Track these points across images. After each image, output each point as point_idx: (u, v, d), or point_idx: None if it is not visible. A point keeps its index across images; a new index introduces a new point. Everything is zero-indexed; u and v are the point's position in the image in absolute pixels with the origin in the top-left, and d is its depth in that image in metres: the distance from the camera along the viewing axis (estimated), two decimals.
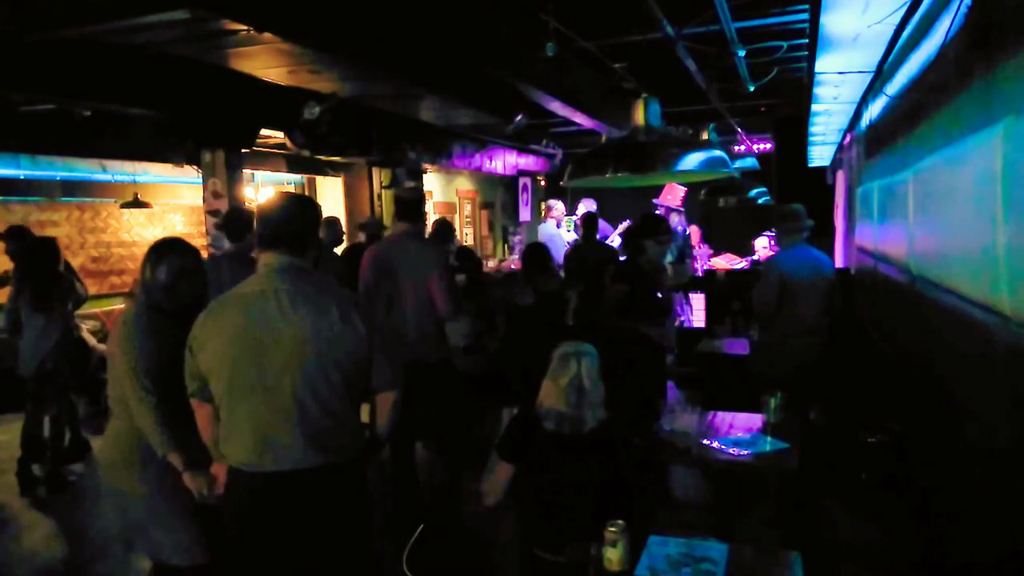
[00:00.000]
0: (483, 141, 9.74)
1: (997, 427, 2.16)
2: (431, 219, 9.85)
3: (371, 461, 2.43)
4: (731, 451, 3.09)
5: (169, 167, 7.40)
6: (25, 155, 6.91)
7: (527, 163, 11.51)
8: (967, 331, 2.44)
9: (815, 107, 5.72)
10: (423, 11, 4.32)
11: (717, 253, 9.26)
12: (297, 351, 2.12)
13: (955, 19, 2.47)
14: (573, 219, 9.45)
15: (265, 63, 4.53)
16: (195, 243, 2.89)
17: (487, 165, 10.24)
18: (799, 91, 6.31)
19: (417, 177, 8.65)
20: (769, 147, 9.89)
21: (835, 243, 8.20)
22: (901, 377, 3.78)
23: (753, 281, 5.28)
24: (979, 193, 2.24)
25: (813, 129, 6.98)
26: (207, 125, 5.69)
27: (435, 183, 11.26)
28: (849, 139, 7.28)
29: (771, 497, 3.64)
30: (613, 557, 2.04)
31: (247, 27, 3.66)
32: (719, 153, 6.20)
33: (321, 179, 9.64)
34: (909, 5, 3.09)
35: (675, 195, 9.35)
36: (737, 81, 6.20)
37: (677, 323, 6.74)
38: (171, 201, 9.37)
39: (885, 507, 3.40)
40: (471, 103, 6.53)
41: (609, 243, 7.82)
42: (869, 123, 5.28)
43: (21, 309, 4.76)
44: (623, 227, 8.85)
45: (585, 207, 8.27)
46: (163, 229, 9.26)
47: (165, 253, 2.67)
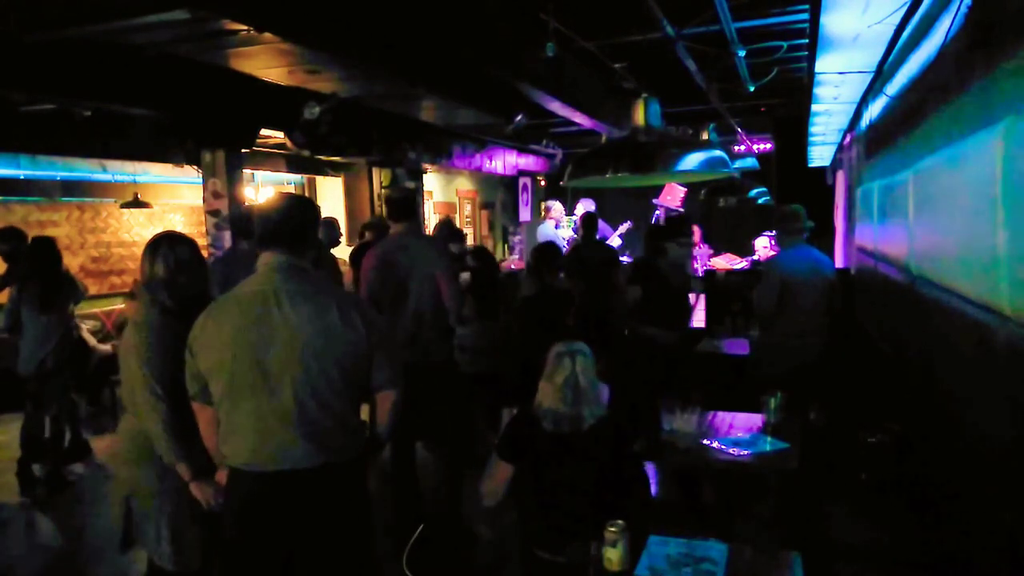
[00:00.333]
0: (483, 141, 9.74)
1: (997, 427, 2.16)
2: (431, 219, 9.89)
3: (371, 461, 2.43)
4: (731, 451, 3.09)
5: (169, 167, 7.40)
6: (25, 155, 6.91)
7: (527, 163, 11.51)
8: (967, 331, 2.44)
9: (815, 107, 5.72)
10: (423, 11, 4.31)
11: (717, 253, 9.26)
12: (297, 350, 2.12)
13: (955, 19, 2.47)
14: (572, 219, 9.45)
15: (265, 63, 4.53)
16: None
17: (487, 165, 10.24)
18: (799, 91, 6.32)
19: (417, 177, 8.64)
20: (769, 147, 9.89)
21: (835, 243, 8.20)
22: (901, 377, 3.78)
23: (753, 281, 5.28)
24: (979, 193, 2.24)
25: (813, 129, 6.98)
26: (207, 125, 5.69)
27: (435, 183, 11.25)
28: (849, 139, 7.28)
29: (771, 497, 3.64)
30: (613, 557, 2.04)
31: (247, 27, 3.66)
32: (719, 153, 6.20)
33: (321, 179, 9.64)
34: (909, 5, 3.09)
35: (675, 195, 9.35)
36: (737, 81, 6.20)
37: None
38: (171, 201, 9.37)
39: (885, 507, 3.40)
40: (471, 103, 6.53)
41: (608, 243, 7.82)
42: (869, 123, 5.28)
43: (23, 309, 4.76)
44: (623, 228, 8.86)
45: (584, 207, 8.27)
46: (163, 229, 9.26)
47: (159, 247, 2.64)
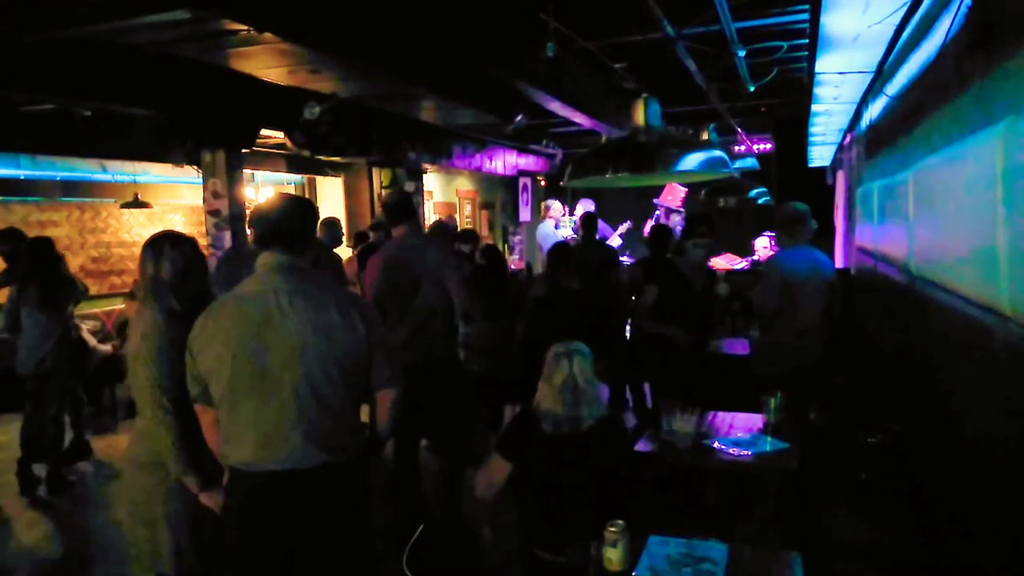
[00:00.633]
0: (483, 141, 9.74)
1: (997, 427, 2.16)
2: (431, 219, 9.88)
3: (372, 460, 2.43)
4: (731, 451, 3.08)
5: (169, 167, 7.40)
6: (25, 155, 6.91)
7: (527, 163, 11.52)
8: (967, 331, 2.44)
9: (815, 107, 5.72)
10: (423, 11, 4.31)
11: (717, 253, 9.26)
12: (297, 350, 2.12)
13: (955, 19, 2.47)
14: (572, 219, 9.45)
15: (265, 63, 4.53)
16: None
17: (487, 165, 10.24)
18: (799, 91, 6.32)
19: (417, 177, 8.65)
20: (769, 147, 9.90)
21: (835, 243, 8.21)
22: (901, 377, 3.78)
23: (753, 281, 5.27)
24: (979, 193, 2.24)
25: (813, 129, 6.99)
26: (207, 125, 5.69)
27: (435, 183, 11.26)
28: (849, 139, 7.28)
29: (771, 497, 3.63)
30: (613, 557, 2.04)
31: (247, 27, 3.66)
32: (719, 153, 6.19)
33: (321, 179, 9.64)
34: (909, 5, 3.09)
35: (675, 196, 9.35)
36: (737, 81, 6.20)
37: None
38: (171, 201, 9.37)
39: (885, 507, 3.40)
40: (471, 103, 6.53)
41: (609, 243, 7.82)
42: (869, 123, 5.28)
43: (22, 308, 4.76)
44: (623, 227, 8.86)
45: (584, 207, 8.27)
46: (163, 229, 9.26)
47: (162, 248, 2.59)
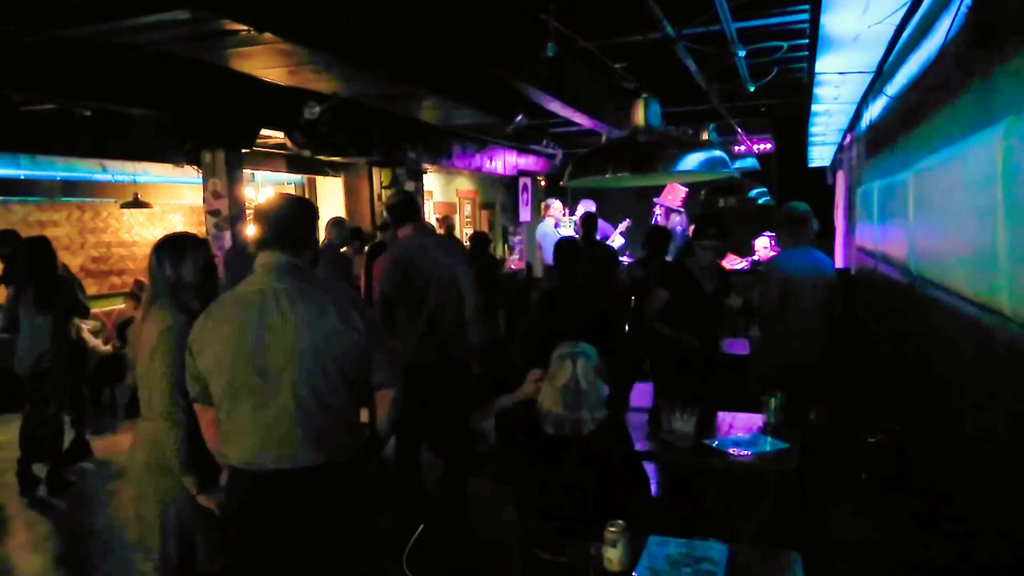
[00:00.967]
0: (483, 141, 9.74)
1: (997, 427, 2.16)
2: (431, 219, 9.89)
3: (373, 460, 2.43)
4: (731, 451, 3.08)
5: (169, 167, 7.40)
6: (25, 155, 6.91)
7: (527, 163, 11.52)
8: (967, 331, 2.44)
9: (815, 107, 5.72)
10: (423, 11, 4.31)
11: (726, 256, 9.26)
12: (296, 350, 2.12)
13: (955, 19, 2.47)
14: (573, 219, 9.46)
15: (265, 63, 4.53)
16: None
17: (487, 165, 10.24)
18: (799, 91, 6.32)
19: (417, 177, 8.65)
20: (769, 147, 9.90)
21: (835, 243, 8.21)
22: (901, 377, 3.78)
23: (753, 281, 5.27)
24: (979, 193, 2.24)
25: (813, 129, 6.99)
26: (207, 125, 5.69)
27: (435, 183, 11.26)
28: (849, 139, 7.28)
29: (771, 497, 3.64)
30: (613, 557, 2.04)
31: (247, 27, 3.66)
32: (719, 153, 6.20)
33: (321, 179, 9.64)
34: (909, 5, 3.09)
35: (675, 195, 9.35)
36: (737, 81, 6.20)
37: None
38: (171, 201, 9.37)
39: (885, 507, 3.40)
40: (471, 103, 6.53)
41: (610, 243, 7.82)
42: (869, 123, 5.28)
43: (20, 308, 4.76)
44: (623, 226, 8.87)
45: (585, 207, 8.27)
46: (163, 229, 9.26)
47: (186, 249, 2.60)
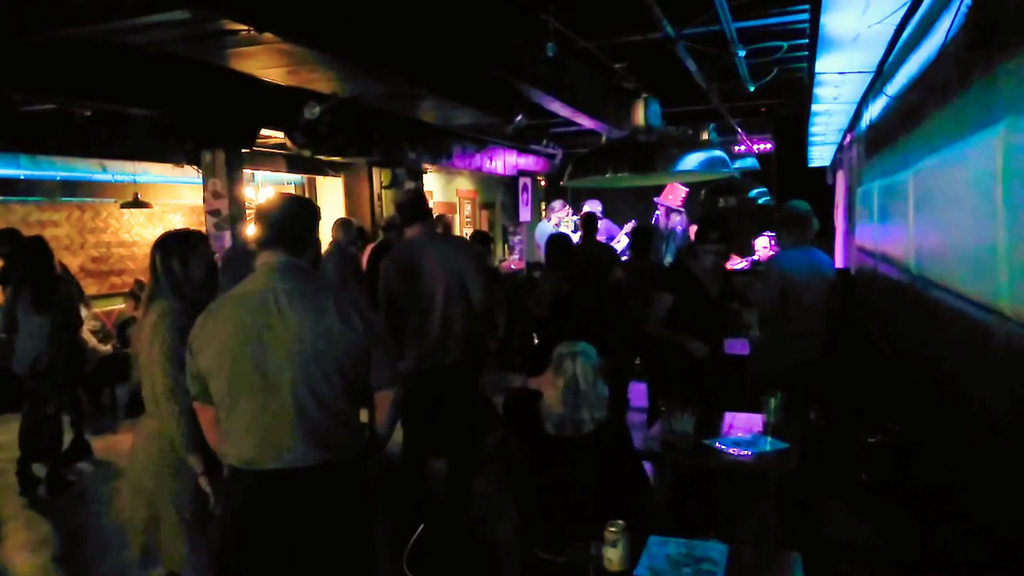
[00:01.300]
0: (483, 141, 9.74)
1: (997, 427, 2.16)
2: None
3: (374, 461, 2.43)
4: (731, 451, 3.09)
5: (169, 167, 7.40)
6: (25, 155, 6.91)
7: (527, 163, 11.52)
8: (967, 331, 2.44)
9: (815, 107, 5.72)
10: (423, 11, 4.31)
11: (729, 259, 9.25)
12: (295, 350, 2.12)
13: (955, 19, 2.47)
14: (573, 219, 9.45)
15: (265, 63, 4.53)
16: None
17: (487, 165, 10.24)
18: (799, 91, 6.32)
19: (417, 177, 8.65)
20: (769, 147, 9.90)
21: (835, 243, 8.21)
22: (901, 377, 3.78)
23: (753, 281, 5.27)
24: (979, 193, 2.24)
25: (813, 129, 6.99)
26: (207, 125, 5.69)
27: (435, 183, 11.26)
28: (849, 139, 7.28)
29: (771, 497, 3.64)
30: (613, 557, 2.04)
31: (247, 27, 3.66)
32: (719, 153, 6.20)
33: (321, 179, 9.64)
34: (909, 5, 3.09)
35: (676, 195, 9.34)
36: (737, 81, 6.20)
37: None
38: (171, 201, 9.37)
39: (885, 507, 3.40)
40: (471, 103, 6.53)
41: (615, 244, 7.82)
42: (869, 123, 5.28)
43: (18, 309, 4.76)
44: (628, 227, 8.87)
45: (590, 207, 8.27)
46: (163, 229, 9.22)
47: (194, 246, 2.63)
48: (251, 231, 5.60)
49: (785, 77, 6.36)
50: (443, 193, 11.56)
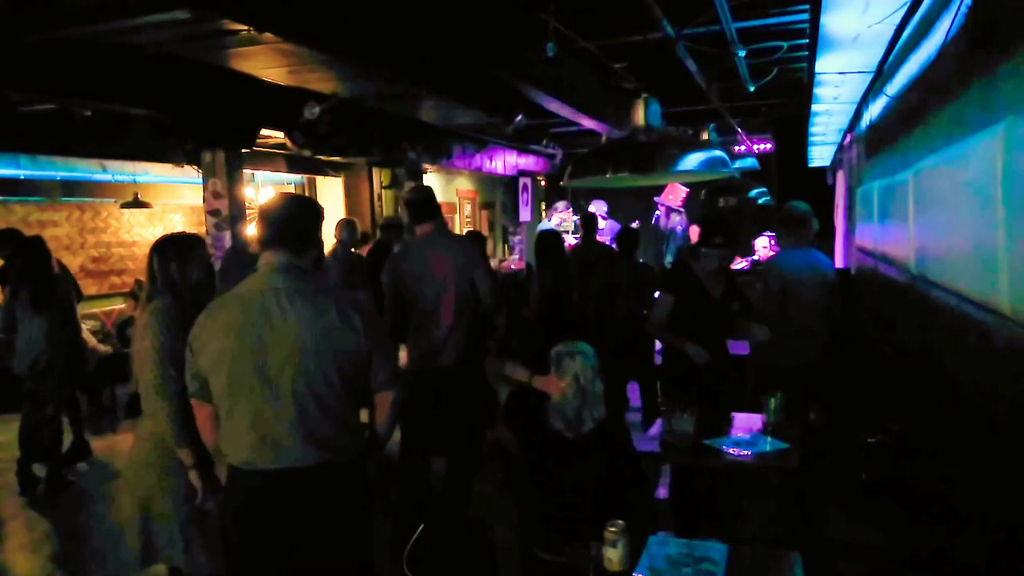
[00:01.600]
0: (483, 141, 9.74)
1: (997, 426, 2.16)
2: None
3: (374, 461, 2.43)
4: (731, 451, 3.08)
5: (169, 167, 7.41)
6: (25, 155, 6.91)
7: (527, 163, 11.52)
8: (967, 331, 2.44)
9: (815, 107, 5.72)
10: (423, 11, 4.31)
11: (733, 262, 9.23)
12: (296, 350, 2.12)
13: (955, 19, 2.47)
14: (574, 220, 9.46)
15: (265, 63, 4.53)
16: None
17: (487, 165, 10.24)
18: (799, 91, 6.32)
19: (417, 177, 8.65)
20: (769, 147, 9.90)
21: (835, 243, 8.21)
22: (901, 377, 3.78)
23: (753, 281, 5.27)
24: (979, 193, 2.24)
25: (813, 129, 6.99)
26: (207, 125, 5.69)
27: (435, 183, 11.26)
28: (849, 139, 7.28)
29: (771, 497, 3.64)
30: (613, 557, 2.04)
31: (247, 27, 3.66)
32: (719, 153, 6.20)
33: (321, 179, 9.64)
34: (909, 5, 3.09)
35: (676, 195, 9.36)
36: (737, 81, 6.21)
37: None
38: (171, 201, 9.37)
39: (885, 507, 3.40)
40: (471, 103, 6.53)
41: (610, 244, 7.82)
42: (869, 123, 5.28)
43: (16, 309, 4.76)
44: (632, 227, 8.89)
45: (596, 208, 8.26)
46: (163, 229, 9.26)
47: (192, 249, 2.65)
48: (251, 231, 5.61)
49: (785, 77, 6.37)
50: (443, 193, 11.56)
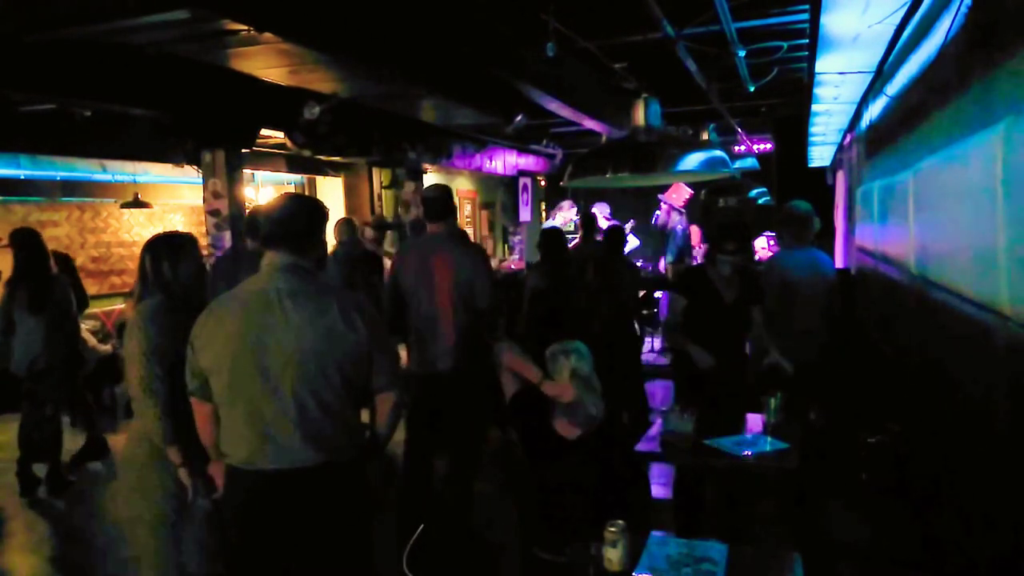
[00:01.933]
0: (483, 141, 9.74)
1: (997, 427, 2.16)
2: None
3: (374, 462, 2.43)
4: (731, 451, 3.08)
5: (169, 167, 7.40)
6: (25, 155, 6.90)
7: (527, 163, 11.52)
8: (967, 331, 2.44)
9: (815, 107, 5.71)
10: (423, 11, 4.31)
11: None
12: (297, 350, 2.12)
13: (955, 19, 2.47)
14: (574, 220, 9.48)
15: (265, 63, 4.53)
16: None
17: (487, 165, 10.24)
18: (799, 91, 6.32)
19: (417, 177, 8.65)
20: (769, 147, 9.90)
21: (835, 243, 8.20)
22: (901, 377, 3.78)
23: None
24: (979, 193, 2.24)
25: (813, 129, 6.98)
26: (207, 125, 5.69)
27: (435, 183, 11.26)
28: (849, 139, 7.28)
29: (771, 497, 3.63)
30: (613, 557, 2.04)
31: (247, 27, 3.66)
32: (719, 153, 6.20)
33: (321, 179, 9.64)
34: (909, 5, 3.09)
35: (680, 194, 9.36)
36: (737, 81, 6.20)
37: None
38: (171, 201, 9.37)
39: (885, 507, 3.40)
40: (471, 103, 6.53)
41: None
42: (869, 123, 5.28)
43: (15, 309, 4.76)
44: (628, 226, 8.90)
45: (598, 210, 8.27)
46: (163, 229, 9.24)
47: (185, 249, 2.65)
48: (229, 234, 5.62)
49: (785, 77, 6.36)
50: None
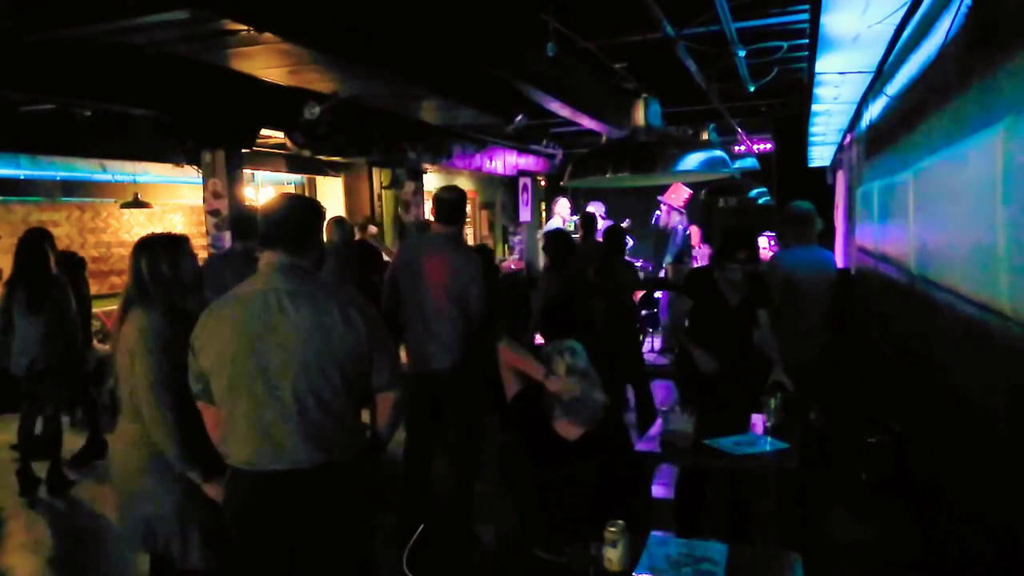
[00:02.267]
0: (483, 141, 9.74)
1: (997, 427, 2.16)
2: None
3: (377, 462, 2.43)
4: (731, 451, 3.08)
5: (169, 167, 7.40)
6: (25, 155, 6.90)
7: (527, 163, 11.51)
8: (967, 331, 2.44)
9: (815, 107, 5.71)
10: (423, 11, 4.31)
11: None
12: (297, 350, 2.12)
13: (955, 19, 2.47)
14: (573, 220, 9.48)
15: (265, 63, 4.53)
16: (195, 243, 2.86)
17: (487, 165, 10.24)
18: (799, 91, 6.32)
19: (417, 177, 8.65)
20: (769, 147, 9.90)
21: (835, 243, 8.20)
22: (901, 377, 3.78)
23: None
24: (979, 193, 2.24)
25: (813, 129, 6.98)
26: (207, 125, 5.69)
27: (435, 183, 11.26)
28: (849, 139, 7.28)
29: (771, 497, 3.63)
30: (613, 557, 2.04)
31: (247, 27, 3.66)
32: (719, 153, 6.21)
33: (321, 179, 9.64)
34: (909, 5, 3.09)
35: (679, 195, 9.36)
36: (737, 81, 6.20)
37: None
38: (171, 201, 9.37)
39: (885, 507, 3.41)
40: (471, 103, 6.53)
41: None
42: (869, 123, 5.28)
43: (13, 309, 4.76)
44: (624, 225, 8.90)
45: (593, 209, 8.27)
46: (163, 229, 9.24)
47: (182, 249, 2.61)
48: (229, 234, 5.61)
49: (785, 77, 6.36)
50: None
